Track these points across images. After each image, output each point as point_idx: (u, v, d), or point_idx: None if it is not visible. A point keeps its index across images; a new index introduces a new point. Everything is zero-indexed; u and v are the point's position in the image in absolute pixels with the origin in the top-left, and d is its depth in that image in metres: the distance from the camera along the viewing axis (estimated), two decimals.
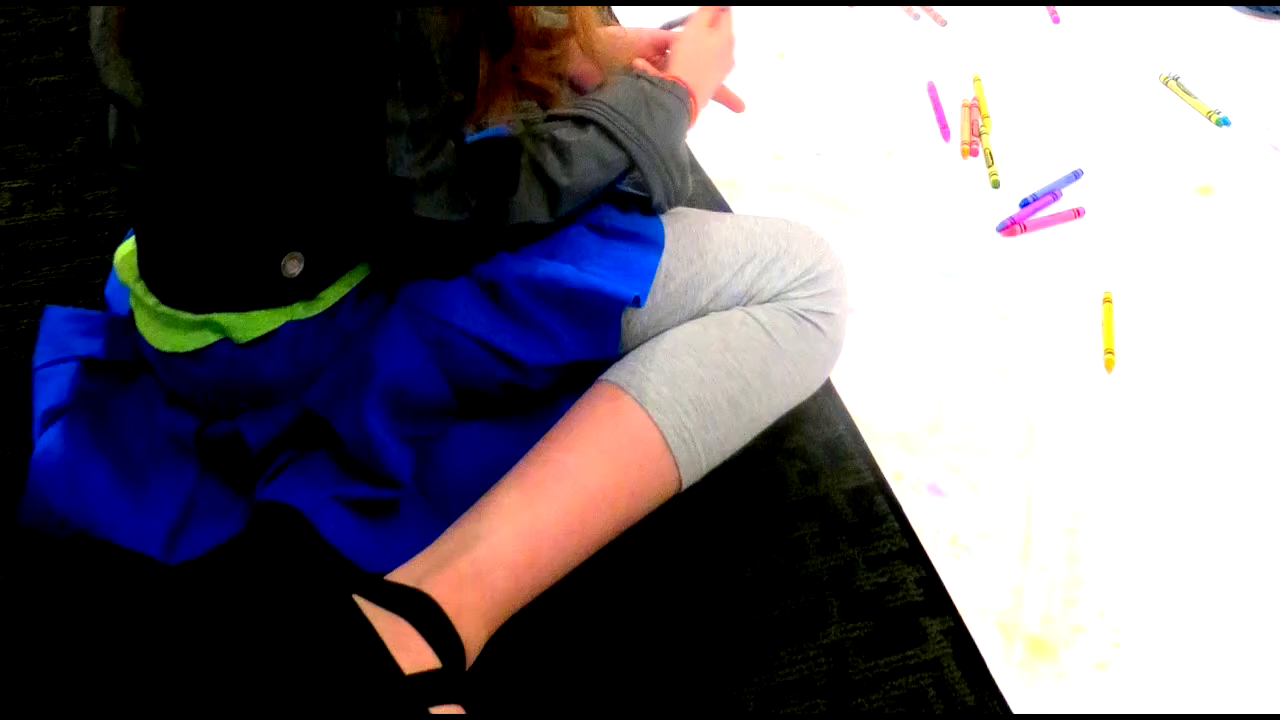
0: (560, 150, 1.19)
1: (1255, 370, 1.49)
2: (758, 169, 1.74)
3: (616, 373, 1.22)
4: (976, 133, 1.80)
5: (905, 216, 1.68)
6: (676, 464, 1.19)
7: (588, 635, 1.19)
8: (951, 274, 1.60)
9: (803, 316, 1.28)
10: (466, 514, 1.15)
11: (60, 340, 1.34)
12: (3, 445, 1.33)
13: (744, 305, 1.28)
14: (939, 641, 1.21)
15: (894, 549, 1.29)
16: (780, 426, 1.32)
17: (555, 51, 1.19)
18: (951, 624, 1.22)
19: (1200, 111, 1.85)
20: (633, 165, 1.22)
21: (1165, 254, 1.64)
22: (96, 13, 1.12)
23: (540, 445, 1.19)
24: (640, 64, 1.30)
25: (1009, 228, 1.65)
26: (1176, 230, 1.67)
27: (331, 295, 1.17)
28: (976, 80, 1.87)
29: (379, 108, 1.03)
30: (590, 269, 1.21)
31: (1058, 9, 2.00)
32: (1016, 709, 1.16)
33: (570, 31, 1.18)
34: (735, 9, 1.42)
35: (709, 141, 1.74)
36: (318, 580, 1.18)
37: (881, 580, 1.26)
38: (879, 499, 1.34)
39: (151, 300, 1.18)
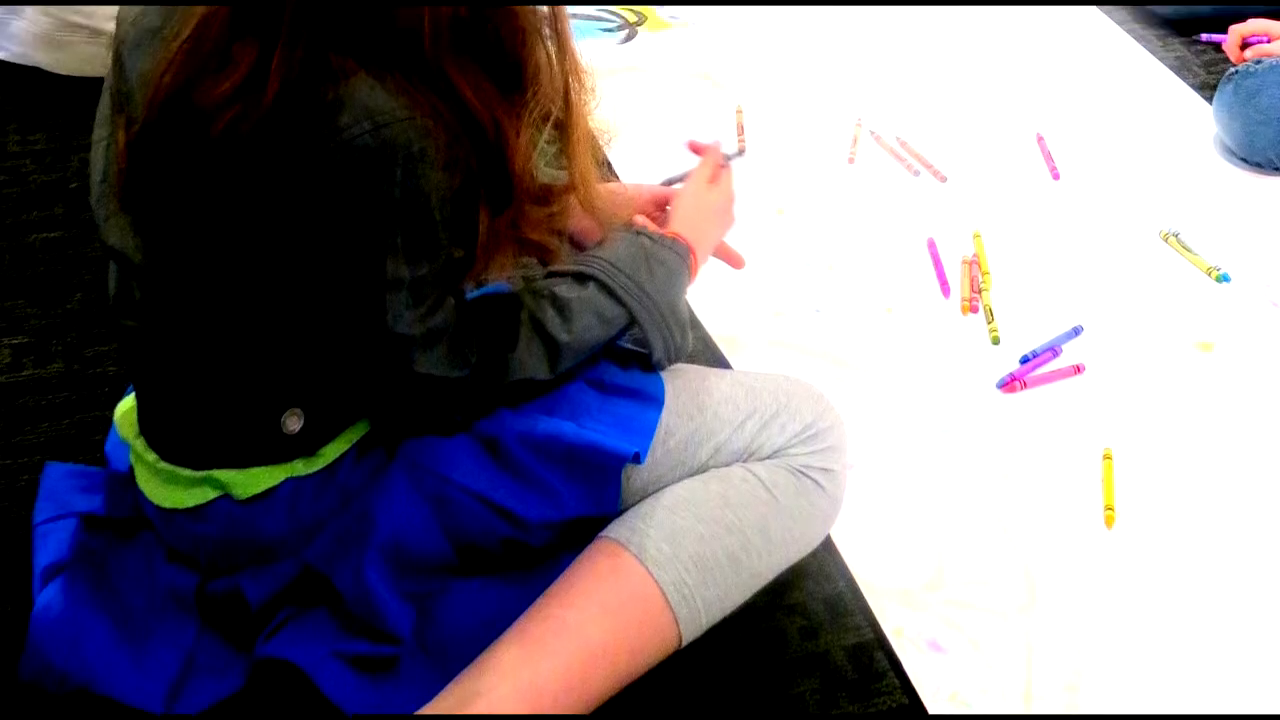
0: (560, 306, 1.23)
1: (1256, 527, 1.53)
2: (758, 325, 1.79)
3: (617, 529, 1.26)
4: (976, 289, 1.86)
5: (905, 372, 1.73)
6: (677, 620, 1.22)
7: None
8: (951, 430, 1.65)
9: (803, 473, 1.32)
10: (466, 670, 1.18)
11: (60, 496, 1.38)
12: (3, 601, 1.36)
13: (744, 461, 1.31)
14: None
15: (894, 705, 1.32)
16: (780, 582, 1.35)
17: (555, 208, 1.23)
18: None
19: (1200, 268, 1.91)
20: (633, 321, 1.27)
21: (1165, 410, 1.69)
22: (96, 169, 1.18)
23: (540, 601, 1.22)
24: (640, 220, 1.35)
25: (1009, 384, 1.70)
26: (1177, 386, 1.73)
27: (332, 451, 1.21)
28: (976, 236, 1.94)
29: (379, 264, 1.07)
30: (590, 425, 1.25)
31: (1057, 166, 2.11)
32: None
33: (570, 188, 1.23)
34: (735, 166, 1.50)
35: (709, 297, 1.80)
36: None
37: None
38: (879, 655, 1.37)
39: (151, 456, 1.22)
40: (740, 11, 2.40)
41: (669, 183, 1.50)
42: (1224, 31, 2.28)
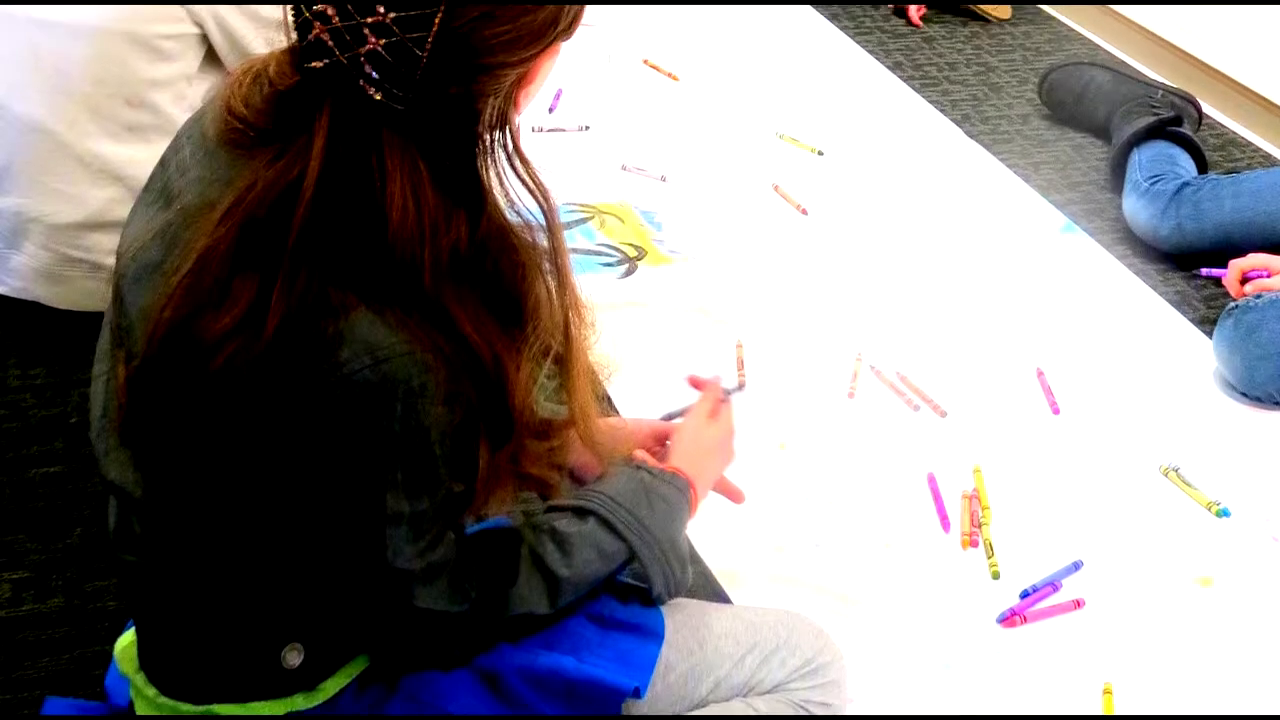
0: (560, 541, 1.28)
1: None
2: (758, 560, 1.86)
3: None
4: (976, 524, 1.93)
5: (905, 607, 1.79)
6: None
7: None
8: (951, 665, 1.70)
9: (803, 708, 1.36)
10: None
11: None
12: None
13: (744, 696, 1.36)
14: None
15: None
16: None
17: (555, 443, 1.28)
18: None
19: (1200, 503, 1.99)
20: (633, 556, 1.31)
21: (1166, 645, 1.75)
22: (96, 404, 1.23)
23: None
24: (640, 455, 1.40)
25: (1009, 619, 1.77)
26: (1177, 621, 1.79)
27: (332, 686, 1.25)
28: (976, 471, 2.02)
29: (379, 499, 1.11)
30: (590, 660, 1.29)
31: (1057, 401, 2.23)
32: None
33: (570, 423, 1.28)
34: (735, 401, 1.59)
35: (709, 532, 1.86)
36: None
37: None
38: None
39: (151, 691, 1.26)
40: (740, 247, 2.51)
41: (669, 417, 1.56)
42: (1224, 266, 2.42)
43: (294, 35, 1.13)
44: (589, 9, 1.23)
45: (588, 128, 2.83)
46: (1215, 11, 3.20)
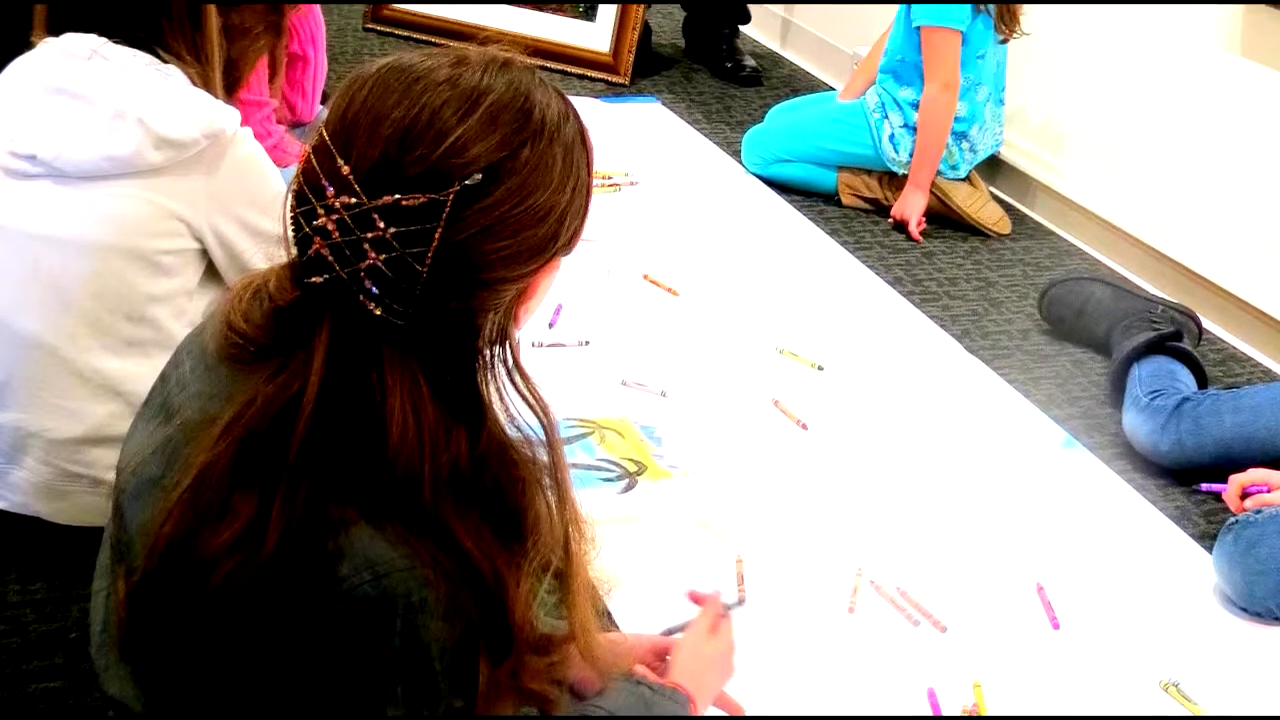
0: None
1: None
2: None
3: None
4: None
5: None
6: None
7: None
8: None
9: None
10: None
11: None
12: None
13: None
14: None
15: None
16: None
17: (555, 658, 1.29)
18: None
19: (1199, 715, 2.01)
20: None
21: None
22: (96, 619, 1.25)
23: None
24: (640, 670, 1.42)
25: None
26: None
27: None
28: (977, 686, 2.02)
29: (379, 713, 1.13)
30: None
31: (1057, 616, 2.24)
32: None
33: (570, 638, 1.29)
34: (735, 616, 1.61)
35: None
36: None
37: None
38: None
39: None
40: (740, 462, 2.55)
41: (669, 632, 1.58)
42: (1224, 481, 2.45)
43: (294, 251, 1.17)
44: (588, 225, 1.28)
45: (588, 343, 2.89)
46: (1214, 226, 3.28)
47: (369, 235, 1.12)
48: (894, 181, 3.70)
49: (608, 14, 4.47)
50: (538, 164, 1.17)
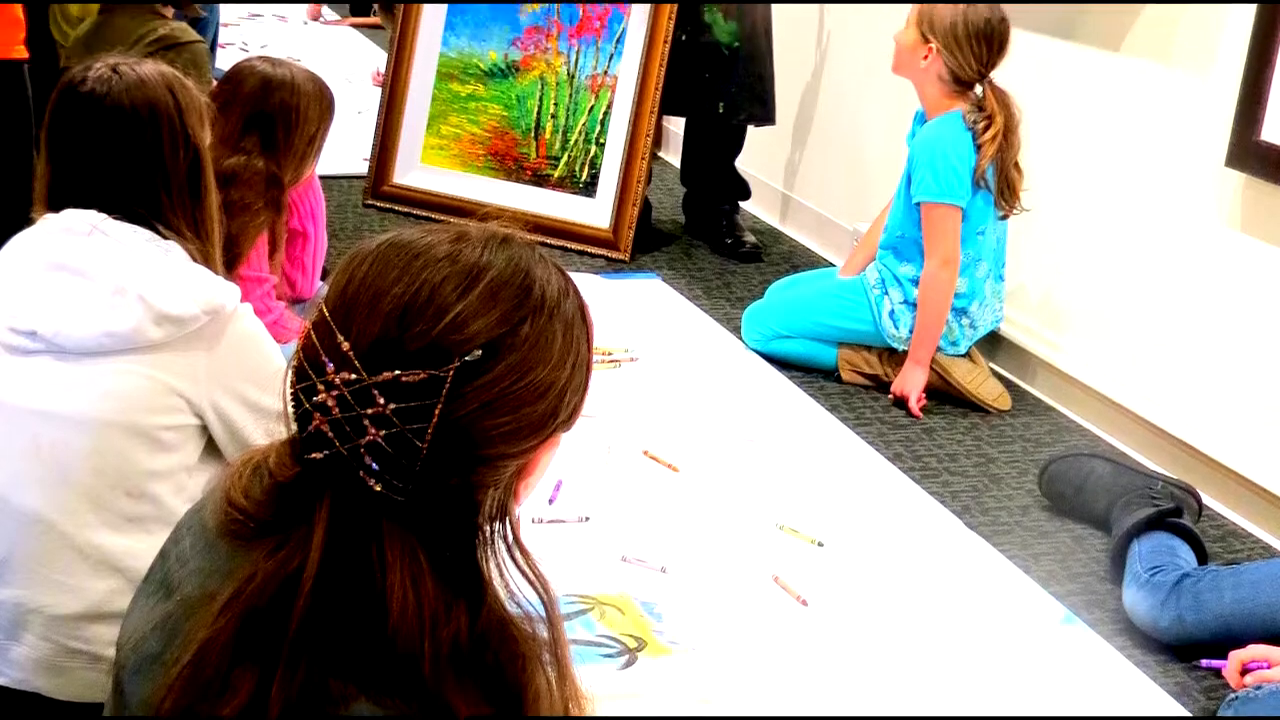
0: None
1: None
2: None
3: None
4: None
5: None
6: None
7: None
8: None
9: None
10: None
11: None
12: None
13: None
14: None
15: None
16: None
17: None
18: None
19: None
20: None
21: None
22: None
23: None
24: None
25: None
26: None
27: None
28: None
29: None
30: None
31: None
32: None
33: None
34: None
35: None
36: None
37: None
38: None
39: None
40: (740, 638, 2.54)
41: None
42: (1224, 657, 2.44)
43: (294, 427, 1.19)
44: (588, 401, 1.29)
45: (588, 519, 2.89)
46: (1214, 402, 3.30)
47: (369, 411, 1.13)
48: (894, 357, 3.73)
49: (608, 190, 4.54)
50: (538, 340, 1.19)
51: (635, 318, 4.04)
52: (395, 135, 4.78)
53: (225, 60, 4.79)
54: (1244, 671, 2.37)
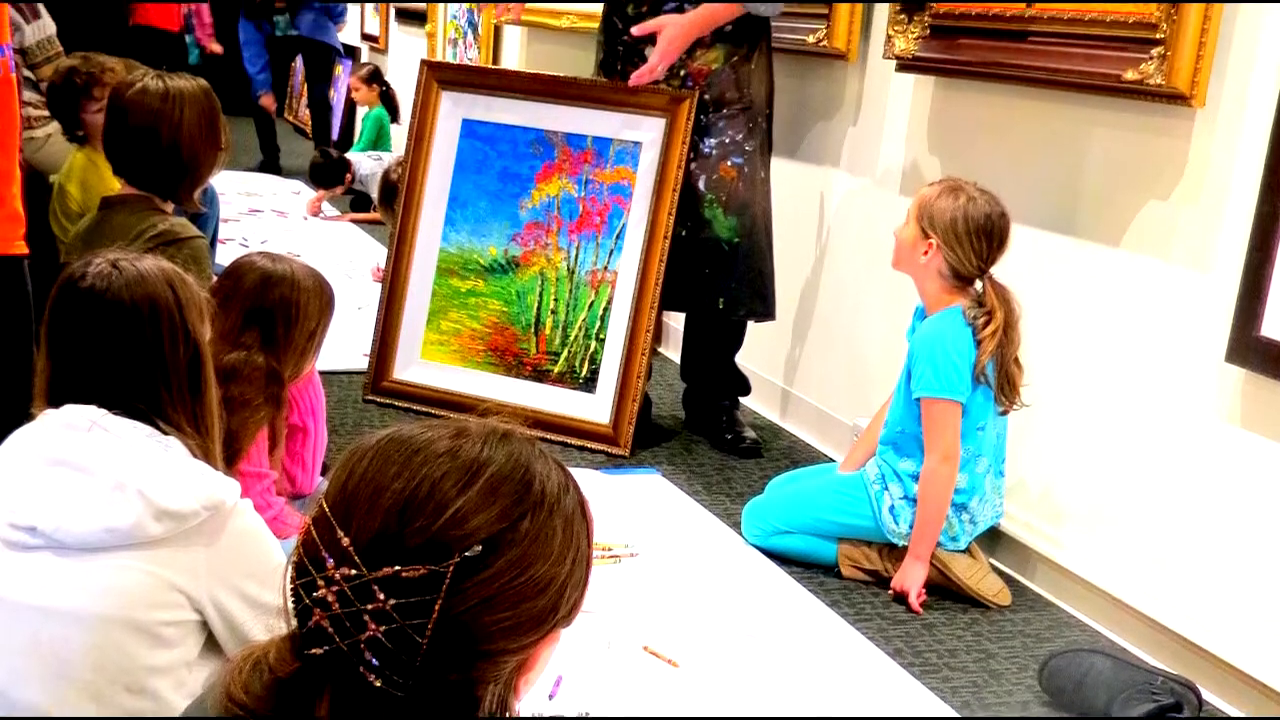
0: None
1: None
2: None
3: None
4: None
5: None
6: None
7: None
8: None
9: None
10: None
11: None
12: None
13: None
14: None
15: None
16: None
17: None
18: None
19: None
20: None
21: None
22: None
23: None
24: None
25: None
26: None
27: None
28: None
29: None
30: None
31: None
32: None
33: None
34: None
35: None
36: None
37: None
38: None
39: None
40: None
41: None
42: None
43: (294, 622, 1.20)
44: (588, 596, 1.31)
45: (588, 714, 2.88)
46: (1214, 598, 3.30)
47: (369, 607, 1.15)
48: (894, 553, 3.74)
49: (608, 385, 4.59)
50: (538, 535, 1.21)
51: (635, 513, 4.05)
52: (395, 330, 4.84)
53: (225, 255, 4.87)
54: None
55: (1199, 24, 3.25)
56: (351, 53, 11.26)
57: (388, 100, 9.56)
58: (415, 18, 9.75)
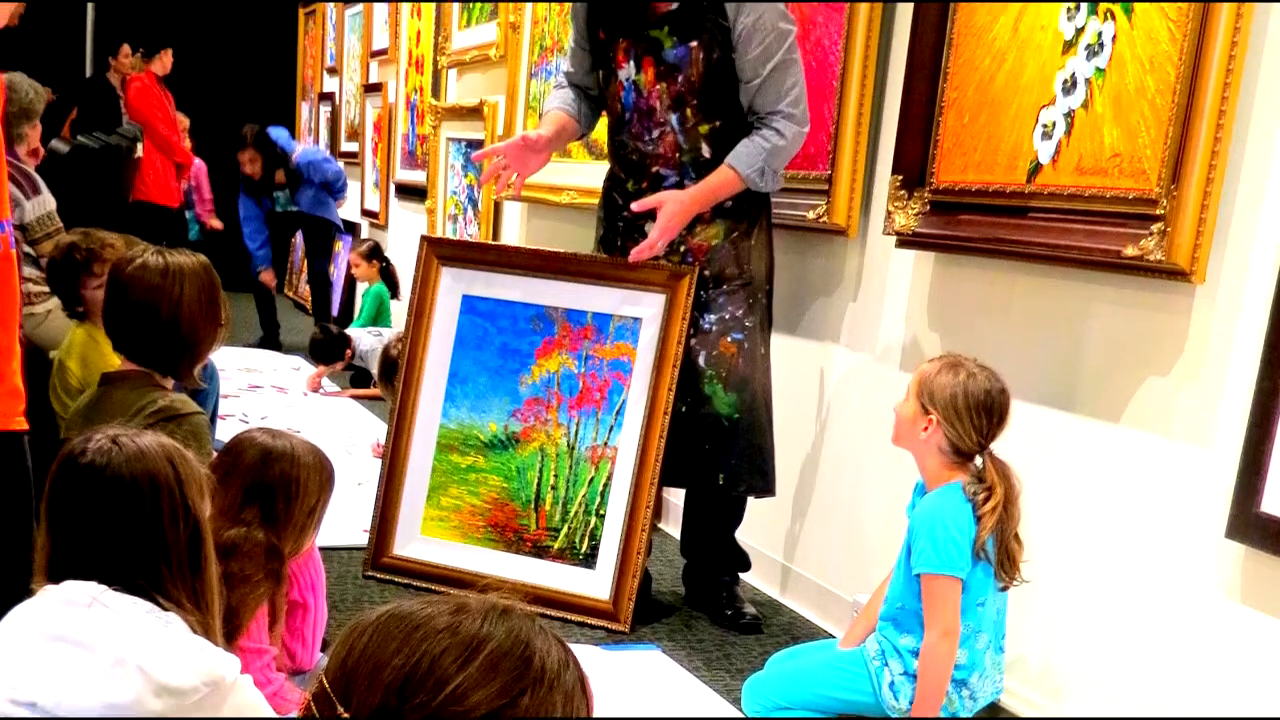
0: None
1: None
2: None
3: None
4: None
5: None
6: None
7: None
8: None
9: None
10: None
11: None
12: None
13: None
14: None
15: None
16: None
17: None
18: None
19: None
20: None
21: None
22: None
23: None
24: None
25: None
26: None
27: None
28: None
29: None
30: None
31: None
32: None
33: None
34: None
35: None
36: None
37: None
38: None
39: None
40: None
41: None
42: None
43: None
44: None
45: None
46: None
47: None
48: None
49: (608, 562, 4.59)
50: (538, 711, 1.23)
51: (635, 689, 4.04)
52: (395, 507, 4.86)
53: (225, 431, 4.90)
54: None
55: (1199, 200, 3.31)
56: (351, 228, 11.39)
57: (388, 276, 9.66)
58: (415, 193, 9.89)
